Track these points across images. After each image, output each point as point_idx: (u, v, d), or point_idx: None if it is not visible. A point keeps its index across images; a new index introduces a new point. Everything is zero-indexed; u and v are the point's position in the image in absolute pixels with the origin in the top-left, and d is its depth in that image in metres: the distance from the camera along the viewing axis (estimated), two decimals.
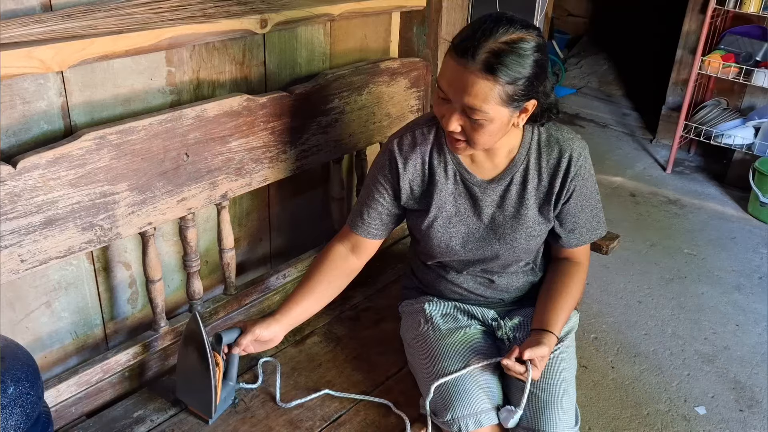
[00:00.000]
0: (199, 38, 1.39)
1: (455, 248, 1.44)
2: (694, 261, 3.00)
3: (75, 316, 1.46)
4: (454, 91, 1.21)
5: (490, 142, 1.29)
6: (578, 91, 5.14)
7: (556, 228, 1.45)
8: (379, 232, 1.48)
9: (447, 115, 1.24)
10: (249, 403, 1.44)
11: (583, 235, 1.46)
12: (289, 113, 1.57)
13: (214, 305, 1.59)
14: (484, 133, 1.24)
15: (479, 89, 1.18)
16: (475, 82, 1.18)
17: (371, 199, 1.46)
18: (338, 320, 1.72)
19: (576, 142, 1.39)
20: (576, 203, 1.41)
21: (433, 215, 1.42)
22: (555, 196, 1.40)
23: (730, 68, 3.54)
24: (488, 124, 1.23)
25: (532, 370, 1.29)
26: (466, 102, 1.20)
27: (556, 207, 1.41)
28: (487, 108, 1.20)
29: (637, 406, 2.15)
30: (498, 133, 1.27)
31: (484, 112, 1.20)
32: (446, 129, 1.26)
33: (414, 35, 1.97)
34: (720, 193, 3.68)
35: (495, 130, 1.25)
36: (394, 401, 1.46)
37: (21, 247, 1.18)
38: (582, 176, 1.39)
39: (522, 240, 1.42)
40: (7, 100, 1.20)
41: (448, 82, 1.22)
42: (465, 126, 1.24)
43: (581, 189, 1.40)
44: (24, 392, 0.95)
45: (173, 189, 1.39)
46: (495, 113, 1.21)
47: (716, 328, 2.55)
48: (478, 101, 1.19)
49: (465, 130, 1.25)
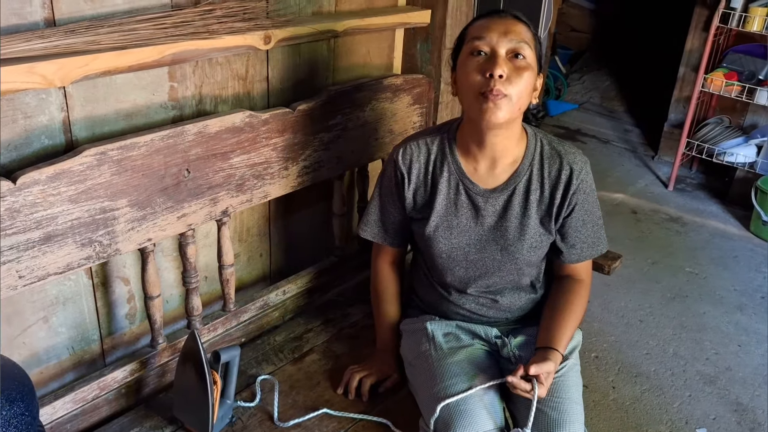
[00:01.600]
0: (203, 54, 1.39)
1: (457, 258, 1.44)
2: (695, 280, 2.99)
3: (72, 332, 1.44)
4: (500, 35, 1.29)
5: (523, 99, 1.31)
6: (580, 106, 5.15)
7: (558, 243, 1.45)
8: (401, 240, 1.57)
9: (493, 63, 1.27)
10: (246, 422, 1.42)
11: (584, 251, 1.46)
12: (291, 129, 1.57)
13: (212, 321, 1.58)
14: (525, 81, 1.29)
15: (520, 29, 1.30)
16: (517, 24, 1.31)
17: (384, 210, 1.52)
18: (338, 338, 1.71)
19: (578, 156, 1.41)
20: (578, 217, 1.42)
21: (435, 224, 1.42)
22: (556, 208, 1.40)
23: (733, 86, 3.54)
24: (528, 71, 1.29)
25: (538, 388, 1.28)
26: (515, 39, 1.28)
27: (557, 220, 1.42)
28: (528, 50, 1.29)
29: (638, 427, 2.13)
30: (529, 90, 1.31)
31: (526, 54, 1.29)
32: (495, 74, 1.26)
33: (417, 52, 1.97)
34: (722, 211, 3.67)
35: (530, 81, 1.30)
36: (393, 421, 1.44)
37: (19, 263, 1.17)
38: (584, 190, 1.40)
39: (524, 251, 1.42)
40: (9, 114, 1.20)
41: (490, 30, 1.30)
42: (509, 75, 1.27)
43: (583, 203, 1.41)
44: (19, 413, 0.94)
45: (174, 205, 1.38)
46: (532, 59, 1.30)
47: (718, 348, 2.54)
48: (522, 39, 1.29)
49: (509, 78, 1.27)
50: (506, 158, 1.39)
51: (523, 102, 1.31)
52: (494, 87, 1.26)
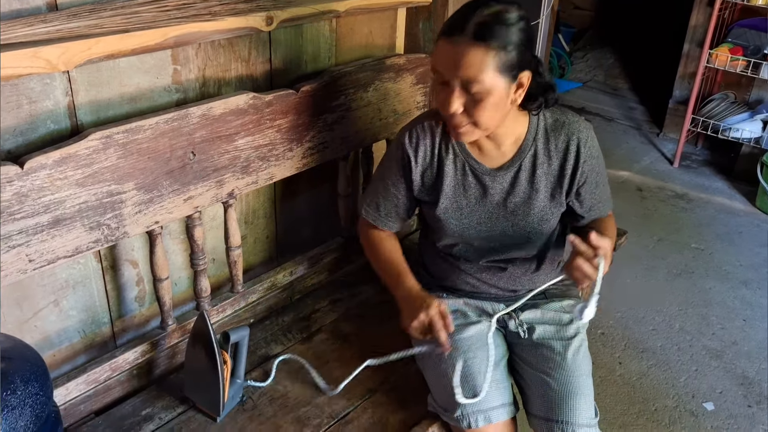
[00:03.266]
0: (205, 36, 1.39)
1: (469, 236, 1.45)
2: (701, 256, 2.99)
3: (83, 315, 1.46)
4: (449, 68, 1.23)
5: (493, 121, 1.29)
6: (584, 84, 5.12)
7: (576, 209, 1.47)
8: (395, 224, 1.54)
9: (446, 97, 1.25)
10: (257, 401, 1.44)
11: (601, 209, 1.50)
12: (295, 111, 1.57)
13: (221, 303, 1.60)
14: (486, 109, 1.25)
15: (473, 58, 1.20)
16: (468, 52, 1.20)
17: (386, 191, 1.50)
18: (345, 317, 1.72)
19: (581, 123, 1.42)
20: (592, 181, 1.44)
21: (444, 206, 1.43)
22: (568, 179, 1.41)
23: (738, 61, 3.52)
24: (488, 98, 1.24)
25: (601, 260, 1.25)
26: (463, 74, 1.22)
27: (570, 191, 1.43)
28: (484, 77, 1.21)
29: (644, 401, 2.15)
30: (499, 109, 1.27)
31: (482, 81, 1.22)
32: (448, 112, 1.26)
33: (420, 31, 1.96)
34: (727, 187, 3.66)
35: (495, 104, 1.25)
36: (403, 398, 1.46)
37: (29, 247, 1.18)
38: (593, 156, 1.42)
39: (535, 224, 1.43)
40: (14, 99, 1.20)
41: (443, 61, 1.24)
42: (466, 105, 1.25)
43: (593, 168, 1.43)
44: (33, 393, 0.96)
45: (180, 188, 1.39)
46: (492, 83, 1.22)
47: (724, 323, 2.54)
48: (474, 70, 1.21)
49: (466, 109, 1.26)
50: (509, 138, 1.39)
51: (492, 121, 1.29)
52: (454, 121, 1.28)
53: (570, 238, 1.29)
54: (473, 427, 1.33)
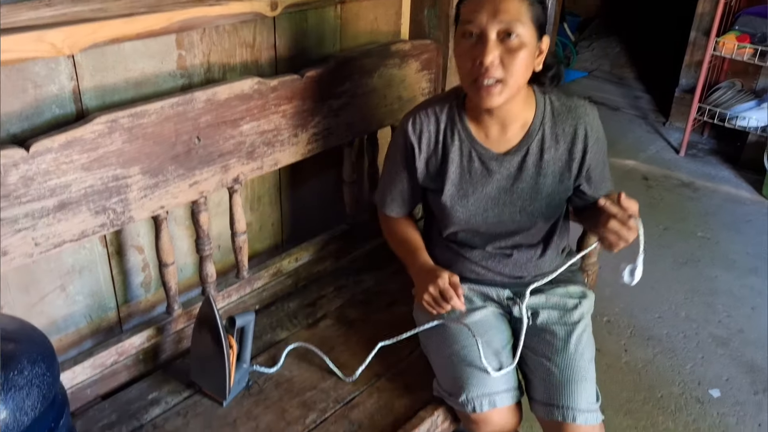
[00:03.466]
0: (210, 21, 1.39)
1: (476, 223, 1.45)
2: (707, 244, 2.98)
3: (89, 300, 1.46)
4: (488, 15, 1.23)
5: (522, 79, 1.29)
6: (590, 74, 5.09)
7: (585, 190, 1.47)
8: (403, 210, 1.55)
9: (481, 48, 1.24)
10: (263, 386, 1.44)
11: (608, 186, 1.51)
12: (299, 96, 1.56)
13: (226, 288, 1.60)
14: (519, 61, 1.25)
15: (512, 5, 1.23)
16: (507, 1, 1.23)
17: (391, 179, 1.52)
18: (350, 304, 1.72)
19: (587, 107, 1.43)
20: (598, 161, 1.45)
21: (450, 193, 1.42)
22: (577, 163, 1.42)
23: (745, 49, 3.49)
24: (522, 49, 1.24)
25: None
26: (503, 18, 1.22)
27: (579, 174, 1.43)
28: (521, 25, 1.23)
29: (650, 389, 2.14)
30: (527, 68, 1.28)
31: (519, 30, 1.23)
32: (484, 63, 1.24)
33: (425, 18, 1.95)
34: (734, 176, 3.64)
35: (526, 59, 1.26)
36: (408, 383, 1.46)
37: (35, 231, 1.18)
38: (599, 139, 1.43)
39: (543, 208, 1.43)
40: (19, 84, 1.20)
41: (479, 9, 1.24)
42: (502, 58, 1.25)
43: (600, 149, 1.44)
44: (40, 373, 0.96)
45: (185, 172, 1.39)
46: (527, 33, 1.24)
47: (730, 311, 2.54)
48: (513, 17, 1.22)
49: (502, 61, 1.25)
50: (516, 121, 1.39)
51: (521, 80, 1.29)
52: (485, 74, 1.25)
53: (600, 202, 1.30)
54: (478, 411, 1.33)
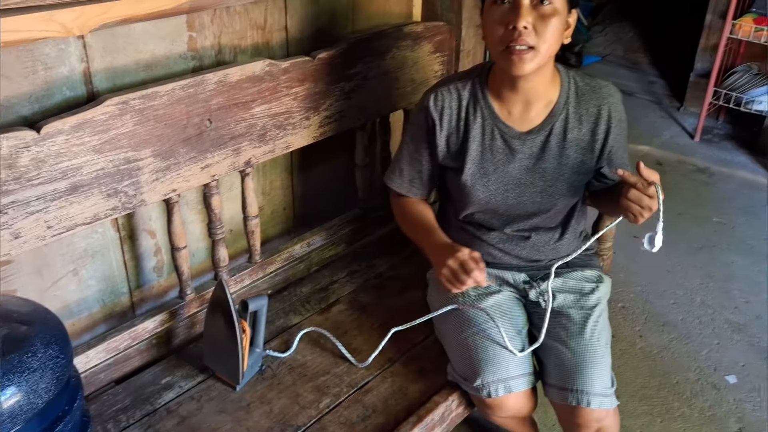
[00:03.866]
0: (221, 2, 1.37)
1: (496, 204, 1.43)
2: (724, 230, 2.94)
3: (102, 284, 1.46)
4: None
5: (552, 47, 1.27)
6: (603, 59, 5.03)
7: (606, 172, 1.45)
8: (420, 191, 1.52)
9: (516, 12, 1.23)
10: (276, 371, 1.44)
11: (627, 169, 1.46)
12: (311, 78, 1.54)
13: (239, 273, 1.59)
14: (552, 28, 1.24)
15: None
16: None
17: (410, 157, 1.49)
18: (363, 288, 1.71)
19: (611, 88, 1.42)
20: (620, 144, 1.44)
21: (471, 172, 1.40)
22: (600, 144, 1.41)
23: (762, 32, 3.43)
24: (555, 16, 1.23)
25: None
26: None
27: (601, 156, 1.42)
28: None
29: (665, 374, 2.12)
30: (558, 37, 1.27)
31: None
32: (517, 27, 1.22)
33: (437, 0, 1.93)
34: (750, 161, 3.59)
35: (558, 27, 1.25)
36: (422, 368, 1.45)
37: (47, 213, 1.17)
38: (621, 119, 1.43)
39: (565, 190, 1.42)
40: (29, 65, 1.19)
41: None
42: (535, 24, 1.23)
43: (621, 132, 1.44)
44: (54, 355, 0.96)
45: (197, 155, 1.37)
46: (559, 2, 1.24)
47: (748, 296, 2.50)
48: None
49: (535, 28, 1.23)
50: (540, 100, 1.37)
51: (553, 48, 1.28)
52: (518, 39, 1.23)
53: (619, 172, 1.28)
54: (493, 396, 1.31)
